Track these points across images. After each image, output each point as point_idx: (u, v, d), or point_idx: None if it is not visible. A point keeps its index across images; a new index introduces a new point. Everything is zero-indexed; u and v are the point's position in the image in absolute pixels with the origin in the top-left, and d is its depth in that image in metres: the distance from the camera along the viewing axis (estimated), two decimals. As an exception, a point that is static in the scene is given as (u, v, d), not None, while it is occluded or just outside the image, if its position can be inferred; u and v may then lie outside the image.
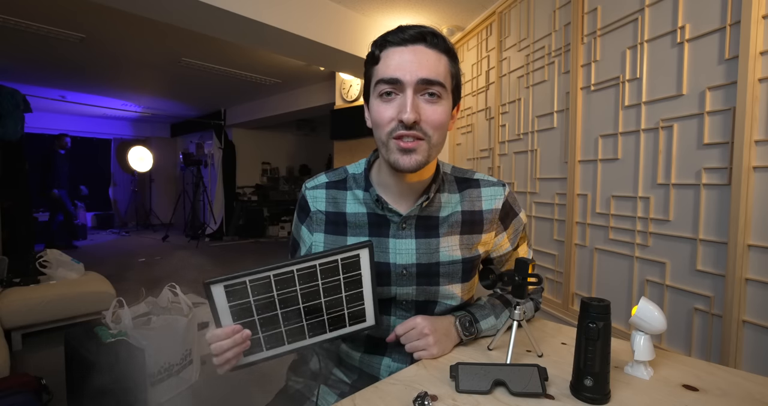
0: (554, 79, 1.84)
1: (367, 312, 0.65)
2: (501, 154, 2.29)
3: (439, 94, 0.63)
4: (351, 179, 0.76)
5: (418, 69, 0.61)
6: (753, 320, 1.07)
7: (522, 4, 2.09)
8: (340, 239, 0.73)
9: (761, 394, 0.56)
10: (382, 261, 0.71)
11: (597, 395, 0.54)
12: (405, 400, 0.55)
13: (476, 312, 0.74)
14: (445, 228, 0.72)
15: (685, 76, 1.24)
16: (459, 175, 0.77)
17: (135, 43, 3.47)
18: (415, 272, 0.71)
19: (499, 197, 0.75)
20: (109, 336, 1.58)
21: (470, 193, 0.75)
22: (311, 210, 0.76)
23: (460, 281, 0.73)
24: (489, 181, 0.76)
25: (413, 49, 0.62)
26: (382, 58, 0.64)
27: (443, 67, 0.64)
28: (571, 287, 1.73)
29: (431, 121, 0.63)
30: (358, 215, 0.73)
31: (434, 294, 0.73)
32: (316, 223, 0.75)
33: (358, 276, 0.62)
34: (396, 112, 0.62)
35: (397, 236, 0.71)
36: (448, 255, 0.72)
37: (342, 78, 3.79)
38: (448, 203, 0.73)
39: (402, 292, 0.72)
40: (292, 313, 0.60)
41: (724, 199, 1.14)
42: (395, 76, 0.61)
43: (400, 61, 0.62)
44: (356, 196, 0.74)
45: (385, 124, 0.63)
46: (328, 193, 0.75)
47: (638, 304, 0.62)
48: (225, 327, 0.57)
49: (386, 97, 0.63)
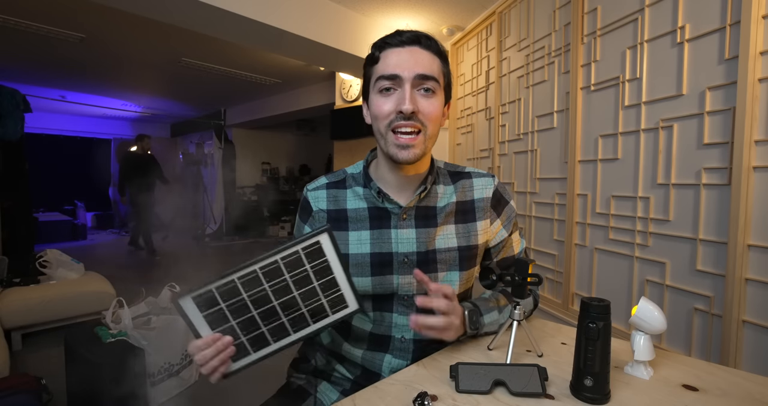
0: (554, 79, 1.84)
1: (347, 298, 0.63)
2: (501, 154, 2.29)
3: (434, 89, 0.69)
4: (350, 178, 0.80)
5: (415, 66, 0.68)
6: (753, 320, 1.07)
7: (522, 4, 2.09)
8: (342, 234, 0.76)
9: (761, 394, 0.56)
10: (385, 251, 0.75)
11: (597, 395, 0.54)
12: (405, 400, 0.55)
13: (481, 305, 0.76)
14: (442, 217, 0.76)
15: (685, 76, 1.24)
16: (452, 169, 0.83)
17: (135, 43, 3.47)
18: (415, 259, 0.74)
19: (489, 187, 0.80)
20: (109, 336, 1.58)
21: (463, 184, 0.80)
22: (313, 210, 0.79)
23: (458, 269, 0.76)
24: (479, 173, 0.82)
25: (410, 50, 0.69)
26: (382, 58, 0.70)
27: (436, 66, 0.70)
28: (571, 287, 1.73)
29: (427, 113, 0.69)
30: (358, 211, 0.77)
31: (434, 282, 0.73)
32: (318, 221, 0.79)
33: (325, 263, 0.61)
34: (395, 104, 0.68)
35: (399, 226, 0.75)
36: (445, 243, 0.76)
37: (342, 78, 3.79)
38: (444, 194, 0.78)
39: (404, 282, 0.74)
40: (268, 311, 0.60)
41: (724, 200, 1.14)
42: (395, 73, 0.68)
43: (399, 60, 0.68)
44: (356, 193, 0.78)
45: (385, 116, 0.69)
46: (328, 193, 0.79)
47: (638, 304, 0.62)
48: (204, 337, 0.59)
49: (385, 92, 0.69)
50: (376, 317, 0.77)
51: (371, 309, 0.77)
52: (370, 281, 0.75)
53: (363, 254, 0.75)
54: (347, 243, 0.76)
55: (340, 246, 0.74)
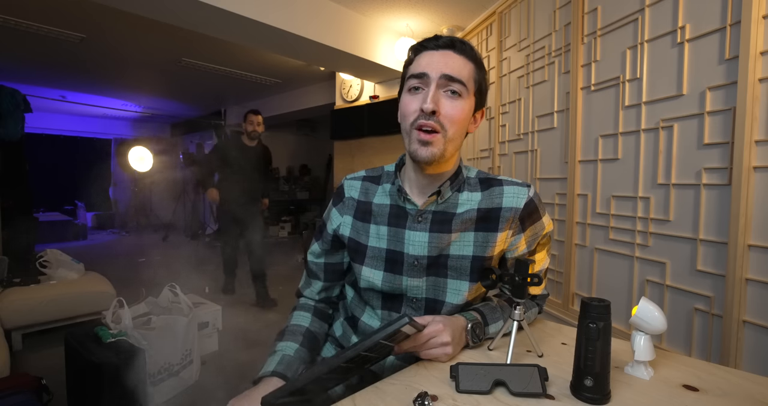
0: (554, 79, 1.84)
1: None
2: (501, 154, 2.29)
3: (460, 92, 0.69)
4: (384, 175, 0.83)
5: (444, 67, 0.68)
6: (753, 320, 1.07)
7: (522, 4, 2.09)
8: (365, 226, 0.80)
9: (761, 394, 0.55)
10: (396, 250, 0.76)
11: (597, 395, 0.54)
12: (405, 400, 0.55)
13: (488, 314, 0.75)
14: (458, 224, 0.74)
15: (685, 76, 1.24)
16: (483, 177, 0.78)
17: (135, 43, 3.47)
18: (426, 263, 0.74)
19: (522, 197, 0.74)
20: (109, 336, 1.58)
21: (492, 191, 0.75)
22: (345, 196, 0.84)
23: (468, 280, 0.74)
24: (513, 181, 0.77)
25: (443, 53, 0.70)
26: (416, 59, 0.72)
27: (467, 71, 0.70)
28: (571, 287, 1.73)
29: (449, 115, 0.68)
30: (382, 206, 0.79)
31: (442, 289, 0.75)
32: (348, 207, 0.83)
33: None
34: (419, 103, 0.69)
35: (413, 227, 0.75)
36: (459, 250, 0.74)
37: (342, 78, 3.79)
38: (467, 201, 0.75)
39: (412, 284, 0.75)
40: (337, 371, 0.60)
41: (724, 200, 1.13)
42: (423, 71, 0.69)
43: (430, 61, 0.70)
44: (384, 190, 0.81)
45: (410, 114, 0.70)
46: (362, 185, 0.84)
47: (638, 304, 0.62)
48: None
49: (414, 92, 0.71)
50: (384, 315, 0.78)
51: (380, 307, 0.79)
52: (382, 275, 0.76)
53: (380, 249, 0.77)
54: (368, 235, 0.79)
55: (362, 236, 0.79)
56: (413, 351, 0.66)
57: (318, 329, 0.84)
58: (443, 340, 0.65)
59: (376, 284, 0.77)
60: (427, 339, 0.65)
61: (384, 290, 0.77)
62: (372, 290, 0.79)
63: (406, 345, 0.65)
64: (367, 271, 0.78)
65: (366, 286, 0.79)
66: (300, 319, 0.84)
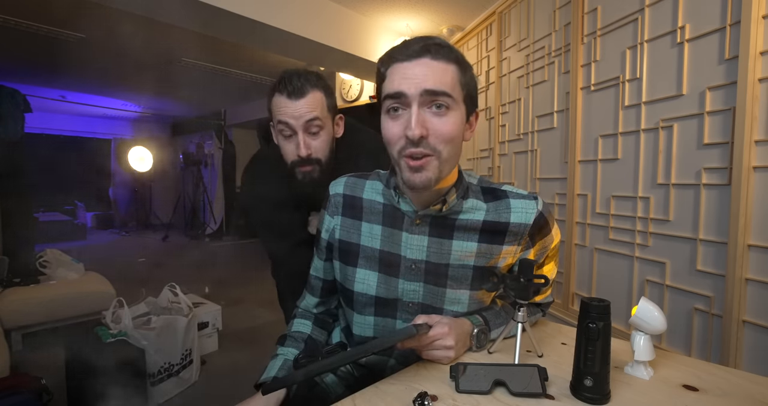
0: (554, 79, 1.84)
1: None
2: (501, 154, 2.29)
3: (447, 105, 0.61)
4: (375, 174, 0.79)
5: (423, 81, 0.60)
6: (753, 320, 1.07)
7: (522, 4, 2.08)
8: (355, 223, 0.75)
9: (761, 394, 0.55)
10: (393, 252, 0.72)
11: (597, 395, 0.54)
12: (405, 400, 0.55)
13: (491, 320, 0.74)
14: (461, 232, 0.70)
15: (685, 76, 1.24)
16: (486, 186, 0.74)
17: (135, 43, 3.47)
18: (424, 268, 0.71)
19: (531, 212, 0.70)
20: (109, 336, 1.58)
21: (498, 204, 0.71)
22: (330, 193, 0.80)
23: (469, 288, 0.72)
24: (519, 193, 0.72)
25: (418, 63, 0.61)
26: (388, 75, 0.63)
27: (450, 78, 0.62)
28: (571, 287, 1.73)
29: (440, 135, 0.61)
30: (373, 202, 0.75)
31: (440, 297, 0.72)
32: (334, 206, 0.79)
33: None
34: (403, 128, 0.61)
35: (410, 230, 0.72)
36: (459, 259, 0.70)
37: (342, 78, 3.79)
38: (471, 208, 0.71)
39: (409, 288, 0.72)
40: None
41: (724, 200, 1.13)
42: (399, 90, 0.60)
43: (404, 75, 0.61)
44: (374, 187, 0.76)
45: (394, 141, 0.63)
46: (348, 180, 0.79)
47: (638, 304, 0.62)
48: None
49: (393, 114, 0.62)
50: (377, 322, 0.75)
51: (374, 314, 0.75)
52: (376, 276, 0.73)
53: (373, 249, 0.74)
54: (360, 233, 0.75)
55: (353, 235, 0.76)
56: (415, 349, 0.66)
57: (318, 337, 0.85)
58: (447, 343, 0.64)
59: (370, 288, 0.73)
60: (431, 341, 0.64)
61: (378, 294, 0.73)
62: (365, 294, 0.75)
63: (410, 344, 0.64)
64: (362, 273, 0.74)
65: (360, 290, 0.75)
66: (301, 326, 0.84)
